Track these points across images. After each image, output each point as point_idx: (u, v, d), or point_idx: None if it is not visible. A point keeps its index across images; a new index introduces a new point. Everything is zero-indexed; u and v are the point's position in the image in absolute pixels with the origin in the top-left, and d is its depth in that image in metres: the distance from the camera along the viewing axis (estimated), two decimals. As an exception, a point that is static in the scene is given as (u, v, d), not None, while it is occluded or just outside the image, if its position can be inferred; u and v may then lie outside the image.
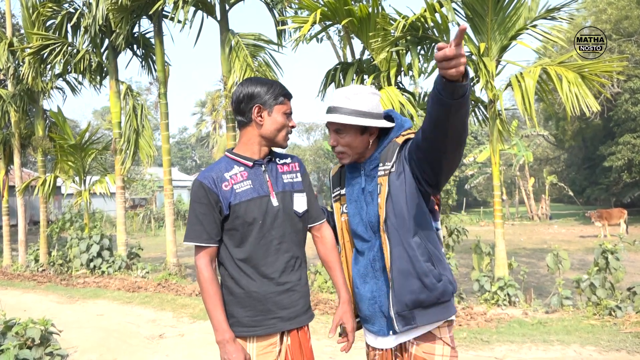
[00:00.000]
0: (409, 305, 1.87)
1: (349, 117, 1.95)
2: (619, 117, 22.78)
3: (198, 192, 1.95)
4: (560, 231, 20.25)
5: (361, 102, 1.97)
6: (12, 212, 14.29)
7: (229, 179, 1.98)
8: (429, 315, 1.90)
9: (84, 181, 11.02)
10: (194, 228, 1.95)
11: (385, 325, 1.98)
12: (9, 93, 11.18)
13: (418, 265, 1.87)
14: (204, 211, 1.94)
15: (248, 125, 2.03)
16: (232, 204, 1.94)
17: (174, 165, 49.89)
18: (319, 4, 6.53)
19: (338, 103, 1.99)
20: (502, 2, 6.21)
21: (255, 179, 2.00)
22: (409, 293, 1.87)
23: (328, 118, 1.99)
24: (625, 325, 5.23)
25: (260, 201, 1.97)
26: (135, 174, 31.53)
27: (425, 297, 1.87)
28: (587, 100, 5.80)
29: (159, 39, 9.62)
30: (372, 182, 2.02)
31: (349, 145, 2.00)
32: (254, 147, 2.04)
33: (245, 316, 1.96)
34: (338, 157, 2.06)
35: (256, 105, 1.99)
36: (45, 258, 11.01)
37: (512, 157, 29.11)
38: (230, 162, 2.04)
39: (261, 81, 2.04)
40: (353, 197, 2.08)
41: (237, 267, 1.96)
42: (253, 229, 1.95)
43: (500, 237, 6.56)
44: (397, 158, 1.94)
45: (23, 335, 3.31)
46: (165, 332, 5.90)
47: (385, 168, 1.94)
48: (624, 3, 21.09)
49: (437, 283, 1.88)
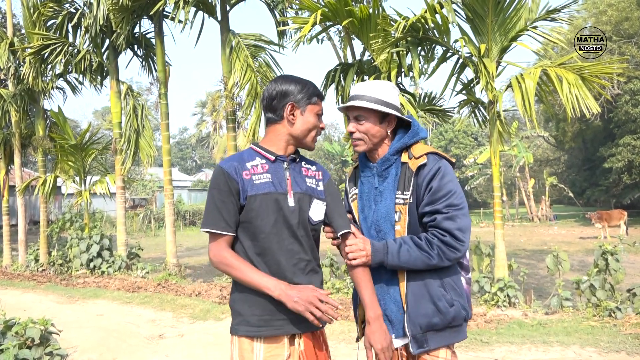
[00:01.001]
0: (423, 327, 1.94)
1: (370, 104, 2.02)
2: (619, 119, 22.79)
3: (218, 179, 1.89)
4: (560, 232, 20.24)
5: (383, 92, 2.06)
6: (12, 212, 14.29)
7: (250, 168, 1.91)
8: (440, 338, 1.97)
9: (84, 181, 11.02)
10: (212, 215, 1.88)
11: (390, 329, 2.00)
12: (9, 93, 11.18)
13: (432, 290, 1.95)
14: (223, 198, 1.87)
15: (277, 123, 1.98)
16: (249, 195, 1.87)
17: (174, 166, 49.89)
18: (320, 4, 6.54)
19: (360, 91, 2.07)
20: (503, 4, 6.22)
21: (275, 174, 1.94)
22: (422, 316, 1.94)
23: (351, 103, 2.05)
24: (625, 326, 5.23)
25: (277, 197, 1.90)
26: (135, 174, 31.56)
27: (438, 320, 1.94)
28: (588, 101, 5.80)
29: (160, 39, 9.63)
30: (383, 182, 2.07)
31: (367, 132, 2.05)
32: (280, 143, 1.98)
33: (253, 315, 1.88)
34: (354, 144, 2.09)
35: (290, 103, 1.94)
36: (45, 258, 11.01)
37: (512, 158, 29.14)
38: (253, 154, 1.98)
39: (295, 79, 1.99)
40: (364, 195, 2.14)
41: (250, 261, 1.89)
42: (266, 224, 1.87)
43: (500, 238, 6.56)
44: (414, 189, 1.99)
45: (23, 335, 3.31)
46: (165, 333, 5.90)
47: (404, 197, 2.00)
48: (625, 4, 21.10)
49: (450, 307, 1.95)
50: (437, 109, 7.67)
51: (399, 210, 2.00)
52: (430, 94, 7.84)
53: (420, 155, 2.01)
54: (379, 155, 2.10)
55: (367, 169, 2.15)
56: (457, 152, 40.80)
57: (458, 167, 38.62)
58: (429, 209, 1.95)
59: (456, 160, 39.71)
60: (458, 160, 39.02)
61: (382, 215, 2.04)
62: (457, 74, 6.99)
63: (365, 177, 2.15)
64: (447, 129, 40.96)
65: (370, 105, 2.02)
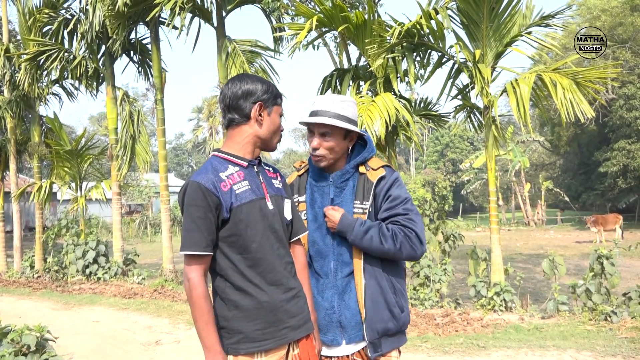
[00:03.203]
0: (379, 333, 2.02)
1: (338, 121, 2.03)
2: (614, 123, 22.92)
3: (194, 195, 1.75)
4: (556, 236, 20.30)
5: (346, 109, 2.07)
6: (8, 218, 14.23)
7: (225, 179, 1.80)
8: (391, 343, 2.07)
9: (80, 187, 10.99)
10: (192, 235, 1.75)
11: (339, 335, 2.04)
12: (5, 99, 11.16)
13: (388, 297, 2.04)
14: (202, 215, 1.74)
15: (243, 124, 1.87)
16: (234, 207, 1.77)
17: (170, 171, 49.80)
18: (315, 10, 6.57)
19: (324, 107, 2.06)
20: (497, 10, 6.27)
21: (251, 180, 1.86)
22: (379, 322, 2.01)
23: (319, 120, 2.03)
24: (621, 330, 5.25)
25: (260, 203, 1.84)
26: (131, 179, 31.46)
27: (392, 325, 2.03)
28: (582, 106, 5.85)
29: (156, 45, 9.64)
30: (340, 193, 2.11)
31: (332, 149, 2.07)
32: (247, 147, 1.88)
33: (256, 330, 1.78)
34: (314, 159, 2.10)
35: (258, 102, 1.85)
36: (40, 264, 10.95)
37: (508, 162, 29.25)
38: (224, 162, 1.86)
39: (259, 79, 1.90)
40: (317, 205, 2.14)
41: (244, 276, 1.79)
42: (256, 233, 1.80)
43: (496, 243, 6.58)
44: (373, 199, 2.07)
45: (19, 342, 3.29)
46: (161, 339, 5.87)
47: (363, 207, 2.07)
48: (618, 10, 21.27)
49: (401, 313, 2.06)
50: (433, 114, 7.70)
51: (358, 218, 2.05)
52: (426, 99, 7.88)
53: (378, 167, 2.10)
54: (335, 167, 2.14)
55: (321, 179, 2.16)
56: (453, 157, 40.90)
57: (454, 171, 38.72)
58: (388, 214, 2.05)
59: (452, 164, 39.87)
60: (454, 165, 39.15)
61: None
62: (453, 79, 7.04)
63: (320, 186, 2.16)
64: (443, 133, 41.06)
65: (338, 124, 2.02)
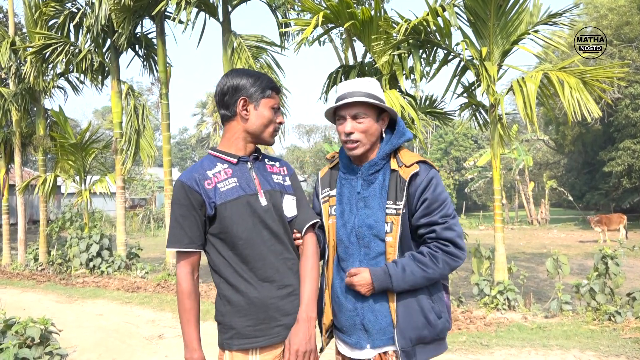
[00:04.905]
0: (413, 341, 1.88)
1: (370, 99, 1.90)
2: (619, 123, 22.80)
3: (178, 193, 1.81)
4: (559, 236, 20.24)
5: (374, 88, 1.95)
6: (12, 211, 14.29)
7: (211, 177, 1.83)
8: (427, 352, 1.92)
9: (84, 180, 11.02)
10: (174, 232, 1.81)
11: (363, 338, 1.93)
12: (10, 92, 11.19)
13: (423, 302, 1.90)
14: (184, 213, 1.80)
15: (232, 120, 1.90)
16: (218, 204, 1.80)
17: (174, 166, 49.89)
18: (322, 6, 6.54)
19: (353, 89, 1.93)
20: (504, 7, 6.23)
21: (241, 176, 1.87)
22: (413, 329, 1.88)
23: (351, 99, 1.90)
24: (625, 330, 5.23)
25: (248, 200, 1.82)
26: (135, 174, 31.54)
27: (427, 333, 1.90)
28: (589, 105, 5.81)
29: (161, 40, 9.63)
30: (368, 187, 1.96)
31: (367, 132, 1.92)
32: (238, 143, 1.90)
33: (247, 326, 1.80)
34: (350, 147, 1.94)
35: (241, 97, 1.86)
36: (44, 257, 11.00)
37: (512, 161, 29.13)
38: (213, 160, 1.89)
39: (248, 73, 1.90)
40: (344, 200, 2.02)
41: (235, 271, 1.81)
42: (244, 229, 1.80)
43: (500, 241, 6.56)
44: (407, 199, 1.90)
45: (23, 334, 3.31)
46: (164, 333, 5.89)
47: (397, 207, 1.90)
48: (625, 9, 21.14)
49: (438, 320, 1.92)
50: (438, 112, 7.67)
51: (391, 220, 1.90)
52: (432, 97, 7.85)
53: (412, 163, 1.92)
54: (366, 158, 1.99)
55: (349, 172, 2.03)
56: (457, 155, 40.76)
57: (458, 169, 38.64)
58: (425, 221, 1.89)
59: (456, 162, 39.78)
60: (458, 163, 39.05)
61: (365, 223, 1.93)
62: (459, 77, 7.01)
63: (347, 179, 2.03)
64: (447, 131, 40.92)
65: (371, 101, 1.89)
